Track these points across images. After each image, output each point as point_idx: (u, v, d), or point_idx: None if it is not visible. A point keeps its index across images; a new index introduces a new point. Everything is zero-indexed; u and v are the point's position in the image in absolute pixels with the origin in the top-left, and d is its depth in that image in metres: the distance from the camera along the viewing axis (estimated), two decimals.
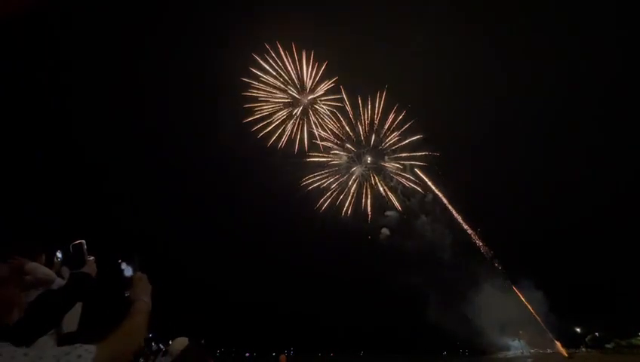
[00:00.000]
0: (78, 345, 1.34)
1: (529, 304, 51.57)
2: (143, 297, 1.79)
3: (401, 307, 59.11)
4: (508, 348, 57.48)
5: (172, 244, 56.85)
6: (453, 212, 54.24)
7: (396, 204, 54.26)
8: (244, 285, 60.77)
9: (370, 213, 53.84)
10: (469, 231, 54.15)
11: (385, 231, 55.53)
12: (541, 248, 56.58)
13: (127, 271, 1.96)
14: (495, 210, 55.66)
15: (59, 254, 2.11)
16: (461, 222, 54.27)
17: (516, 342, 56.96)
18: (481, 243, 53.70)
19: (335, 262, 60.43)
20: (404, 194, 54.52)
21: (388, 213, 54.61)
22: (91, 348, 1.33)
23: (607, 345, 53.97)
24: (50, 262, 2.01)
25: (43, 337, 1.68)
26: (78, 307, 2.02)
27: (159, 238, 51.81)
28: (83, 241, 2.09)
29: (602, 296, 51.53)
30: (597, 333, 55.97)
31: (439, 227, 55.11)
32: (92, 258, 2.12)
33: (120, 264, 2.00)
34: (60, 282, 2.00)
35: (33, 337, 1.63)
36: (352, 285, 60.21)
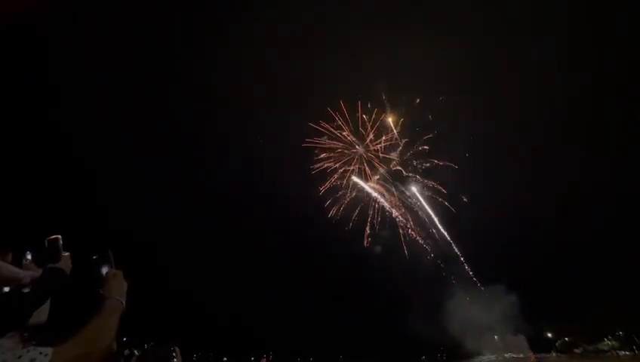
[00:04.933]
0: (32, 347, 1.23)
1: (502, 310, 53.12)
2: (115, 295, 1.67)
3: (381, 312, 59.70)
4: (483, 353, 58.85)
5: (149, 246, 55.17)
6: (432, 216, 55.63)
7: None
8: (222, 288, 59.66)
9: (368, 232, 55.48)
10: (446, 238, 55.60)
11: (377, 248, 56.72)
12: (514, 255, 58.51)
13: (102, 267, 1.86)
14: (468, 215, 57.02)
15: (28, 256, 2.00)
16: (439, 226, 55.65)
17: (490, 346, 58.42)
18: (456, 250, 55.24)
19: (315, 268, 60.44)
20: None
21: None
22: (47, 351, 1.21)
23: (576, 350, 56.12)
24: (18, 263, 1.90)
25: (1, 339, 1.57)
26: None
27: (135, 239, 50.13)
28: (59, 236, 2.01)
29: (572, 303, 53.69)
30: (567, 338, 58.16)
31: (419, 234, 56.23)
32: (67, 254, 2.04)
33: (93, 259, 1.90)
34: (31, 275, 1.88)
35: None
36: (332, 290, 60.27)
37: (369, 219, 55.73)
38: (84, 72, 48.69)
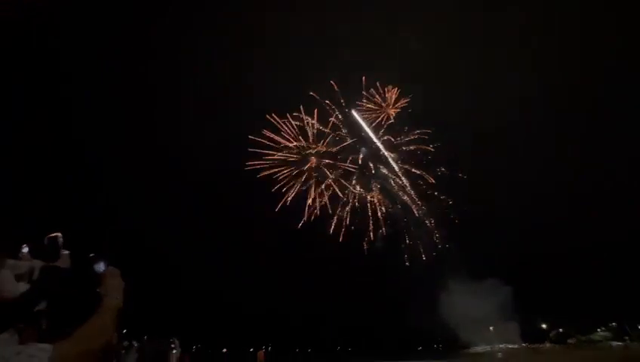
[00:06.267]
0: (31, 343, 1.27)
1: (497, 303, 53.84)
2: (113, 294, 1.71)
3: (377, 304, 60.33)
4: (478, 343, 59.82)
5: (147, 239, 55.23)
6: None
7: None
8: (220, 281, 59.98)
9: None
10: (444, 233, 56.00)
11: (379, 244, 56.93)
12: (509, 245, 58.91)
13: (99, 266, 1.87)
14: (464, 206, 57.12)
15: (24, 249, 1.99)
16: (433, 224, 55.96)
17: (485, 337, 59.36)
18: (453, 245, 55.63)
19: (312, 260, 60.63)
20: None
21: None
22: (47, 347, 1.23)
23: (570, 341, 57.19)
24: (14, 257, 1.89)
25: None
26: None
27: (134, 233, 50.11)
28: (59, 234, 2.00)
29: (566, 294, 54.52)
30: (560, 329, 59.23)
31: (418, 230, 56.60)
32: (67, 252, 2.03)
33: (91, 258, 1.91)
34: (28, 266, 1.88)
35: None
36: (330, 283, 60.64)
37: (369, 223, 55.60)
38: (82, 71, 48.25)
